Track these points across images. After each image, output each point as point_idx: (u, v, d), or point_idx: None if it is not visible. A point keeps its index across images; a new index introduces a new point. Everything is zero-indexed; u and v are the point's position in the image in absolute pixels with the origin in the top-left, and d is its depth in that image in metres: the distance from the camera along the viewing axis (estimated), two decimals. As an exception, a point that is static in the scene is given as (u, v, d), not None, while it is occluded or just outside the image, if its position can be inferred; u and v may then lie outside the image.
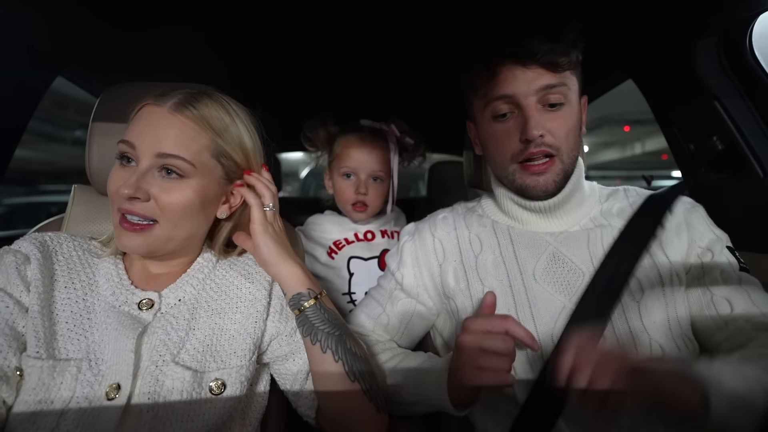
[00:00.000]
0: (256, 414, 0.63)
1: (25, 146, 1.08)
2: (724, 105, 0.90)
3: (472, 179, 1.12)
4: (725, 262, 0.65)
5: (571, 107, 0.66)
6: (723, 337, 0.62)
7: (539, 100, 0.64)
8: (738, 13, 0.83)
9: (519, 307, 0.66)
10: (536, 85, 0.63)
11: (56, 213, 0.86)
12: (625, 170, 8.25)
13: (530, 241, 0.72)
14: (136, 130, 0.57)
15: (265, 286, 0.65)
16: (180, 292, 0.62)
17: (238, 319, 0.62)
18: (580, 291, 0.64)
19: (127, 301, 0.58)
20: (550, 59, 0.62)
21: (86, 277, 0.60)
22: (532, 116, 0.63)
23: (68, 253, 0.61)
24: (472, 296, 0.70)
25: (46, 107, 1.12)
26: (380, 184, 1.05)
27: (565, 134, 0.65)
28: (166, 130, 0.56)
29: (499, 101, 0.66)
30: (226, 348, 0.59)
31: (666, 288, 0.64)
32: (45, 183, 3.61)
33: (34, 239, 0.60)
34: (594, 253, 0.68)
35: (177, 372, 0.54)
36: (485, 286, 0.69)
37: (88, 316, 0.56)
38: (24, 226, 1.13)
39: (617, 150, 8.82)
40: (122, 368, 0.53)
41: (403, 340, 0.79)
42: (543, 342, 0.63)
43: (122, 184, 0.54)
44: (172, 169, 0.56)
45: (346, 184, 1.04)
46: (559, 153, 0.65)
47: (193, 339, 0.58)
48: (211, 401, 0.55)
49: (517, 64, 0.64)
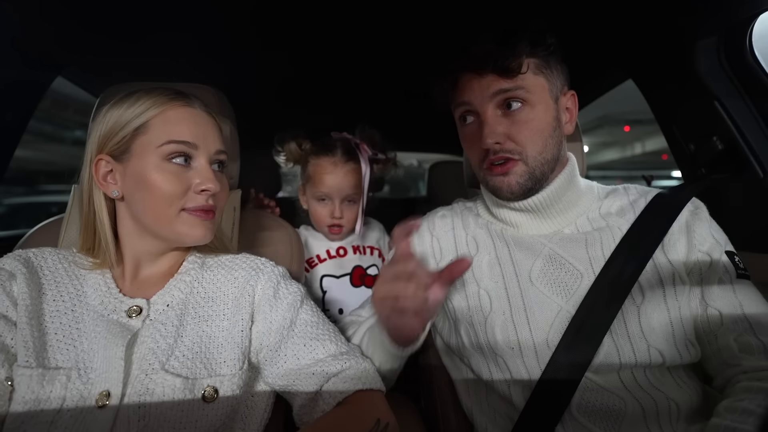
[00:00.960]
0: (258, 423, 0.62)
1: (25, 146, 1.08)
2: (724, 105, 0.90)
3: (472, 179, 1.12)
4: (722, 269, 0.64)
5: (532, 108, 0.66)
6: (712, 351, 0.62)
7: (497, 105, 0.66)
8: (738, 13, 0.83)
9: (514, 310, 0.65)
10: (490, 90, 0.65)
11: (56, 213, 0.86)
12: (625, 170, 8.26)
13: (526, 242, 0.71)
14: (189, 130, 0.59)
15: (248, 290, 0.64)
16: (168, 297, 0.62)
17: (225, 326, 0.61)
18: (578, 293, 0.63)
19: (115, 309, 0.59)
20: (501, 65, 0.64)
21: (74, 288, 0.60)
22: (487, 124, 0.65)
23: (54, 266, 0.61)
24: (468, 297, 0.70)
25: (46, 107, 1.11)
26: (354, 204, 1.06)
27: (528, 136, 0.65)
28: (211, 128, 0.63)
29: (461, 107, 0.70)
30: (216, 356, 0.59)
31: (667, 292, 0.63)
32: (45, 183, 3.62)
33: (18, 256, 0.60)
34: (593, 255, 0.66)
35: (167, 380, 0.54)
36: (480, 288, 0.69)
37: (77, 326, 0.57)
38: (24, 226, 1.13)
39: (617, 150, 8.83)
40: (112, 375, 0.53)
41: None
42: (538, 346, 0.62)
43: (199, 182, 0.59)
44: (221, 162, 0.64)
45: (321, 207, 1.05)
46: (522, 156, 0.66)
47: (181, 346, 0.58)
48: (203, 408, 0.55)
49: (472, 72, 0.67)
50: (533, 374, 0.61)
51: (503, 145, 0.66)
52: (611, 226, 0.69)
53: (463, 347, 0.70)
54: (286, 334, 0.62)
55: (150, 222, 0.60)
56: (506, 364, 0.64)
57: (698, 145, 0.99)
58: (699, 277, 0.64)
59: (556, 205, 0.71)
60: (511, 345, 0.63)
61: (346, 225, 1.06)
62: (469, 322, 0.69)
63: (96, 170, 0.60)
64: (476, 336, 0.67)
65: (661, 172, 4.61)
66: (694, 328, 0.63)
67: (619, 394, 0.58)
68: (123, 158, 0.59)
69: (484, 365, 0.68)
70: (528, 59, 0.65)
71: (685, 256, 0.65)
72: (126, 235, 0.63)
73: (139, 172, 0.58)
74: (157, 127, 0.58)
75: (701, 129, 0.97)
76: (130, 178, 0.59)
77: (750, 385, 0.56)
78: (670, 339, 0.60)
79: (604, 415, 0.58)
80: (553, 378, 0.60)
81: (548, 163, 0.68)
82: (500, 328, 0.65)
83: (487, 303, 0.67)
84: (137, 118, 0.58)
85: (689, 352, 0.61)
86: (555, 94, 0.68)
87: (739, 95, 0.89)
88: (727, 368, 0.60)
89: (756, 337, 0.59)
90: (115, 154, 0.59)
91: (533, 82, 0.66)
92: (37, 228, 0.80)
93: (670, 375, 0.61)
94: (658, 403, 0.58)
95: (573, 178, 0.72)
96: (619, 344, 0.60)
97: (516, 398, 0.63)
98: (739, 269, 0.64)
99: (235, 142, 0.90)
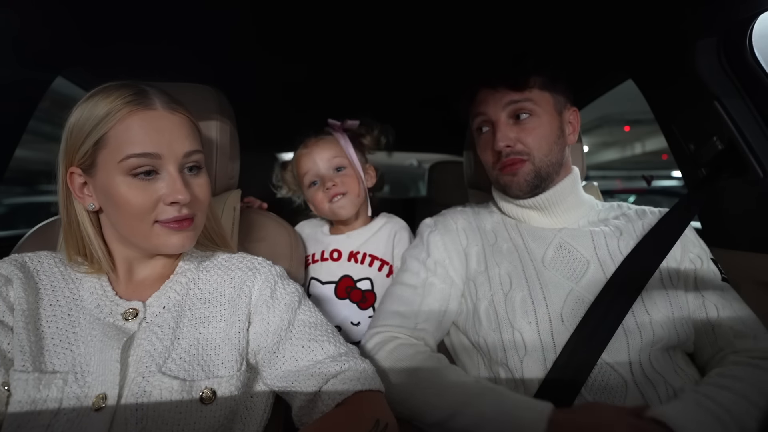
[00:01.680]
0: (257, 424, 0.62)
1: (25, 146, 1.08)
2: (724, 105, 0.90)
3: (472, 179, 1.12)
4: (712, 270, 0.75)
5: (539, 119, 0.77)
6: (709, 341, 0.70)
7: (508, 114, 0.77)
8: (738, 13, 0.83)
9: (532, 288, 0.71)
10: (503, 101, 0.77)
11: (56, 213, 0.86)
12: (625, 170, 8.27)
13: (537, 233, 0.80)
14: (149, 139, 0.55)
15: (245, 291, 0.64)
16: (164, 299, 0.61)
17: (221, 327, 0.61)
18: (586, 277, 0.72)
19: (111, 312, 0.58)
20: (513, 80, 0.76)
21: (70, 292, 0.60)
22: (499, 129, 0.77)
23: (50, 270, 0.61)
24: (490, 278, 0.76)
25: (46, 107, 1.11)
26: (346, 171, 0.99)
27: (535, 141, 0.76)
28: (178, 129, 0.58)
29: (478, 118, 0.81)
30: (213, 358, 0.58)
31: (667, 285, 0.72)
32: (45, 183, 3.60)
33: (14, 261, 0.60)
34: (598, 244, 0.75)
35: (164, 382, 0.53)
36: (501, 270, 0.76)
37: (73, 330, 0.56)
38: (24, 226, 1.12)
39: (617, 150, 8.83)
40: (108, 378, 0.52)
41: (438, 332, 0.78)
42: (554, 320, 0.68)
43: (167, 194, 0.55)
44: (195, 165, 0.60)
45: (315, 191, 0.99)
46: (530, 157, 0.77)
47: (178, 348, 0.57)
48: (201, 410, 0.54)
49: (488, 87, 0.79)
50: (547, 349, 0.66)
51: (513, 148, 0.76)
52: (611, 226, 0.79)
53: (480, 327, 0.73)
54: (284, 336, 0.62)
55: (127, 235, 0.58)
56: (523, 338, 0.68)
57: (698, 145, 0.98)
58: (694, 275, 0.74)
59: (560, 204, 0.81)
60: (528, 319, 0.69)
61: (348, 189, 0.97)
62: (490, 301, 0.74)
63: (71, 182, 0.58)
64: (496, 314, 0.72)
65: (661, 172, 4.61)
66: (692, 318, 0.71)
67: (624, 375, 0.63)
68: (91, 172, 0.56)
69: (499, 344, 0.70)
70: (535, 77, 0.77)
71: (680, 257, 0.76)
72: (113, 242, 0.62)
73: (106, 187, 0.55)
74: (115, 140, 0.54)
75: (701, 129, 0.97)
76: (99, 192, 0.57)
77: (738, 359, 0.65)
78: (672, 327, 0.68)
79: (609, 394, 0.62)
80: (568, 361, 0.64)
81: (553, 165, 0.78)
82: (520, 303, 0.71)
83: (508, 282, 0.74)
84: (95, 131, 0.54)
85: (685, 332, 0.69)
86: (559, 108, 0.80)
87: (739, 95, 0.89)
88: (720, 351, 0.69)
89: (748, 327, 0.69)
90: (84, 167, 0.56)
91: (540, 96, 0.77)
92: (37, 228, 0.80)
93: (670, 359, 0.66)
94: (656, 386, 0.62)
95: (575, 184, 0.83)
96: (625, 323, 0.66)
97: (529, 379, 0.65)
98: (722, 273, 0.75)
99: (235, 141, 0.90)
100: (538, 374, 0.65)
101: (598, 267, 0.72)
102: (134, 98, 0.55)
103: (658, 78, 1.07)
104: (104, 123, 0.54)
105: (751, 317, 0.70)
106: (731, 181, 0.91)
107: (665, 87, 1.05)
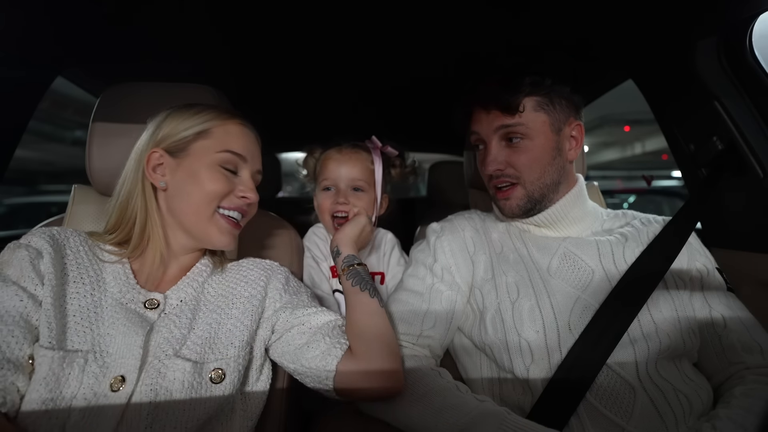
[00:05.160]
0: (257, 405, 0.66)
1: (25, 146, 1.09)
2: (724, 105, 0.90)
3: (473, 179, 1.12)
4: (718, 280, 0.74)
5: (532, 141, 0.76)
6: (716, 351, 0.70)
7: (501, 137, 0.77)
8: (738, 13, 0.83)
9: (539, 296, 0.71)
10: (494, 125, 0.77)
11: (56, 213, 0.86)
12: (625, 170, 8.27)
13: (541, 243, 0.79)
14: (243, 145, 0.68)
15: (261, 285, 0.70)
16: (182, 293, 0.65)
17: (235, 314, 0.66)
18: (591, 285, 0.71)
19: (134, 299, 0.61)
20: (504, 104, 0.75)
21: (94, 273, 0.62)
22: (490, 153, 0.78)
23: (76, 247, 0.63)
24: (497, 286, 0.75)
25: (46, 107, 1.11)
26: (363, 194, 0.98)
27: (527, 165, 0.76)
28: (257, 148, 0.73)
29: (473, 136, 0.82)
30: (224, 340, 0.63)
31: (673, 293, 0.72)
32: (45, 183, 3.62)
33: (43, 233, 0.61)
34: (603, 253, 0.75)
35: (178, 364, 0.57)
36: (508, 278, 0.75)
37: (95, 311, 0.58)
38: (24, 226, 1.13)
39: (617, 150, 8.83)
40: (129, 362, 0.55)
41: (446, 339, 0.77)
42: (561, 329, 0.67)
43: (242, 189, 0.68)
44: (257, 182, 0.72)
45: (326, 196, 0.99)
46: (520, 181, 0.77)
47: (193, 335, 0.61)
48: (210, 390, 0.58)
49: (481, 107, 0.79)
50: (554, 357, 0.65)
51: (504, 171, 0.77)
52: (616, 234, 0.79)
53: (486, 334, 0.72)
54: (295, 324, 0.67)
55: (186, 217, 0.65)
56: (530, 346, 0.67)
57: (698, 145, 0.99)
58: (700, 283, 0.74)
59: (563, 219, 0.80)
60: (536, 327, 0.68)
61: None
62: (497, 309, 0.73)
63: (147, 161, 0.65)
64: (503, 322, 0.71)
65: (661, 172, 4.61)
66: (698, 327, 0.70)
67: (631, 382, 0.62)
68: (179, 155, 0.65)
69: (505, 351, 0.69)
70: (528, 98, 0.75)
71: (687, 264, 0.75)
72: (156, 227, 0.66)
73: (193, 170, 0.65)
74: (217, 135, 0.66)
75: (701, 129, 0.97)
76: (182, 173, 0.65)
77: (758, 379, 0.64)
78: (677, 328, 0.68)
79: (616, 400, 0.61)
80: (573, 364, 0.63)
81: (548, 187, 0.77)
82: (527, 311, 0.70)
83: (515, 290, 0.73)
84: (201, 124, 0.66)
85: (691, 340, 0.69)
86: (557, 126, 0.77)
87: (739, 95, 0.89)
88: (730, 366, 0.68)
89: (754, 340, 0.68)
90: (171, 150, 0.65)
91: (533, 118, 0.76)
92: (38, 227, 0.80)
93: (676, 368, 0.66)
94: (665, 393, 0.61)
95: (580, 197, 0.82)
96: (631, 331, 0.66)
97: (534, 383, 0.65)
98: (728, 284, 0.75)
99: None
100: (545, 382, 0.64)
101: (603, 275, 0.72)
102: (236, 114, 0.70)
103: (658, 78, 1.07)
104: (212, 121, 0.67)
105: (757, 328, 0.70)
106: (731, 181, 0.91)
107: (665, 87, 1.05)
